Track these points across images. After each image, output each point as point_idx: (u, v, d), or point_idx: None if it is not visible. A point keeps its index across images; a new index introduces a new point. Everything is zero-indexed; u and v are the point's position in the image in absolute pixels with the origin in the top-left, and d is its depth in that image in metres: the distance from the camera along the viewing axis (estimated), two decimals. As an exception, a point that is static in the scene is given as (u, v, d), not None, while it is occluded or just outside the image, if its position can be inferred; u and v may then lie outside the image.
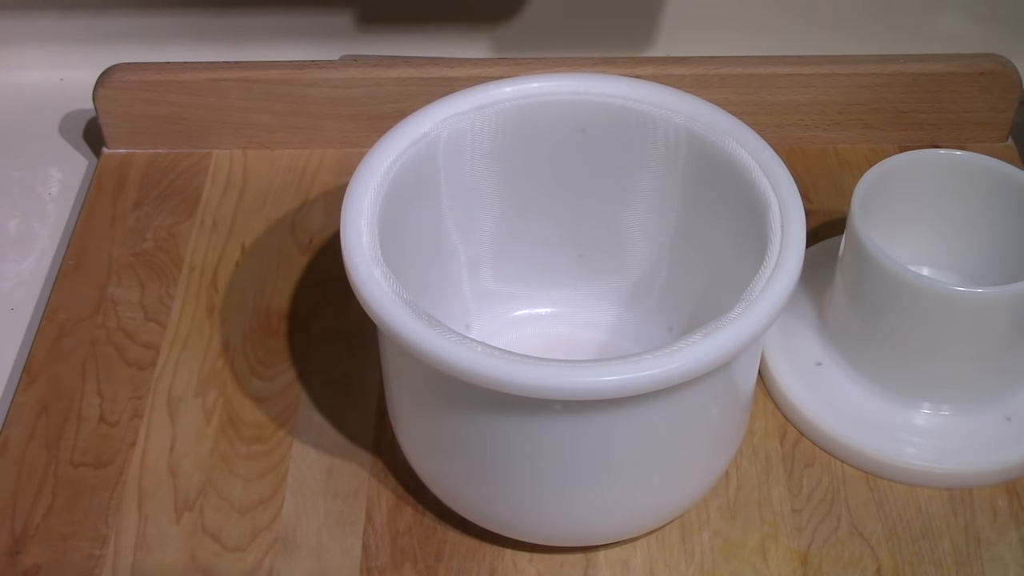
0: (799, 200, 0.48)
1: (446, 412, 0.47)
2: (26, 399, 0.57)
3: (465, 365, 0.42)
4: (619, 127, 0.53)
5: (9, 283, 0.64)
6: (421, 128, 0.51)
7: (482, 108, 0.52)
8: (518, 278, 0.58)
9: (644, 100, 0.52)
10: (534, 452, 0.46)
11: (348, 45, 0.75)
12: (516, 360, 0.42)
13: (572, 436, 0.45)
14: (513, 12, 0.74)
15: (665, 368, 0.42)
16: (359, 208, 0.48)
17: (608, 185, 0.55)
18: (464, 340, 0.43)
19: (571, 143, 0.54)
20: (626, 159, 0.54)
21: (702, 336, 0.43)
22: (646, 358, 0.42)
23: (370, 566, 0.51)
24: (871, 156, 0.68)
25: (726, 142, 0.51)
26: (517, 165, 0.54)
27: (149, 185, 0.67)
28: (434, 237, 0.55)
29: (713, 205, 0.53)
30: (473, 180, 0.54)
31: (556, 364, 0.42)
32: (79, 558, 0.51)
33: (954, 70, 0.67)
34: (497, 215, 0.56)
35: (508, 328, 0.58)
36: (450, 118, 0.52)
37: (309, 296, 0.61)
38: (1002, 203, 0.57)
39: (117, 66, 0.66)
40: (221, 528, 0.52)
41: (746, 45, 0.73)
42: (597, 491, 0.48)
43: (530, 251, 0.58)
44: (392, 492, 0.54)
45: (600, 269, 0.58)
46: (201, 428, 0.56)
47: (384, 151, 0.50)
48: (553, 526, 0.50)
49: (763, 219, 0.48)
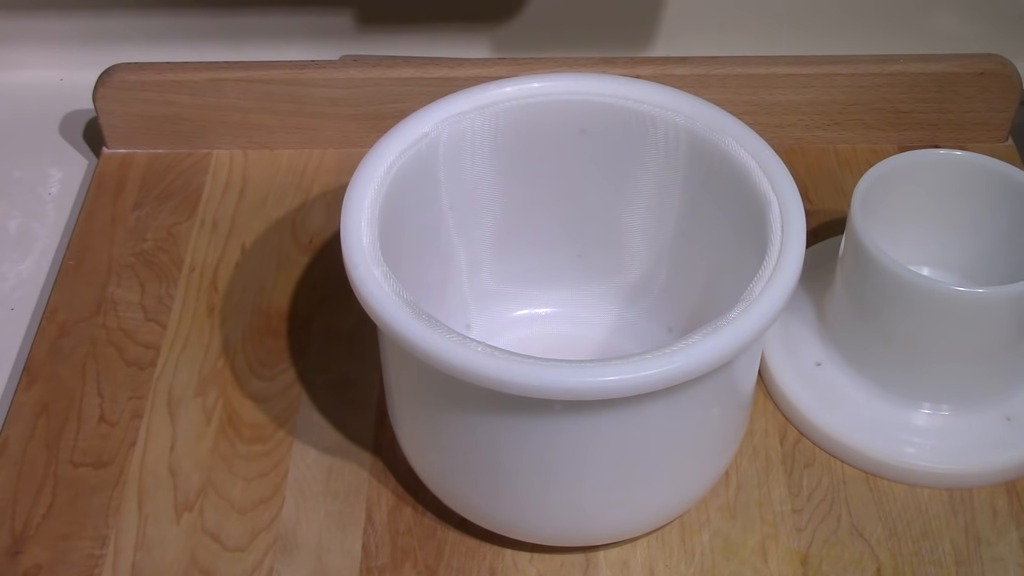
0: (799, 200, 0.48)
1: (446, 412, 0.47)
2: (26, 399, 0.57)
3: (465, 365, 0.42)
4: (619, 127, 0.53)
5: (9, 283, 0.64)
6: (421, 128, 0.51)
7: (482, 108, 0.52)
8: (518, 278, 0.58)
9: (644, 100, 0.52)
10: (534, 451, 0.46)
11: (348, 45, 0.75)
12: (516, 360, 0.42)
13: (572, 436, 0.45)
14: (513, 12, 0.74)
15: (665, 368, 0.42)
16: (359, 208, 0.48)
17: (608, 185, 0.55)
18: (464, 340, 0.43)
19: (571, 143, 0.54)
20: (626, 159, 0.54)
21: (702, 336, 0.43)
22: (646, 358, 0.42)
23: (370, 566, 0.51)
24: (871, 156, 0.68)
25: (726, 142, 0.51)
26: (517, 165, 0.54)
27: (149, 185, 0.67)
28: (434, 237, 0.55)
29: (713, 205, 0.53)
30: (473, 180, 0.54)
31: (556, 364, 0.42)
32: (79, 558, 0.51)
33: (954, 70, 0.67)
34: (497, 215, 0.56)
35: (508, 328, 0.58)
36: (450, 118, 0.52)
37: (309, 296, 0.61)
38: (1002, 203, 0.57)
39: (117, 66, 0.66)
40: (221, 528, 0.52)
41: (746, 45, 0.73)
42: (597, 491, 0.48)
43: (530, 251, 0.58)
44: (392, 492, 0.54)
45: (600, 269, 0.58)
46: (201, 428, 0.56)
47: (384, 151, 0.50)
48: (553, 526, 0.50)
49: (763, 219, 0.48)
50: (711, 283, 0.54)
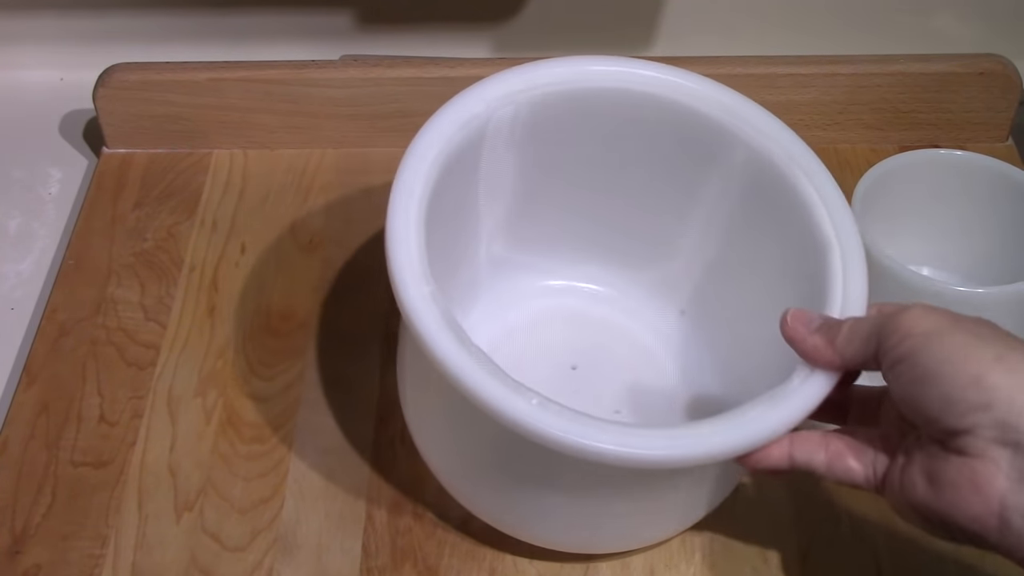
0: (863, 257, 0.47)
1: (484, 439, 0.46)
2: (26, 399, 0.57)
3: (521, 420, 0.41)
4: (686, 128, 0.52)
5: (9, 283, 0.64)
6: (474, 108, 0.49)
7: (543, 88, 0.51)
8: (536, 249, 0.58)
9: (723, 107, 0.51)
10: (567, 481, 0.46)
11: (348, 45, 0.75)
12: (571, 418, 0.41)
13: (605, 474, 0.45)
14: (513, 12, 0.74)
15: (729, 441, 0.42)
16: (406, 224, 0.45)
17: (656, 181, 0.55)
18: (519, 389, 0.42)
19: (623, 132, 0.53)
20: (685, 162, 0.53)
21: (766, 407, 0.43)
22: (714, 429, 0.42)
23: (370, 566, 0.51)
24: (871, 156, 0.68)
25: (794, 173, 0.50)
26: (556, 146, 0.53)
27: (149, 185, 0.67)
28: (463, 207, 0.53)
29: (764, 226, 0.52)
30: (508, 159, 0.53)
31: (614, 429, 0.41)
32: (79, 558, 0.51)
33: (954, 70, 0.67)
34: (519, 194, 0.55)
35: (523, 298, 0.58)
36: (507, 96, 0.50)
37: (309, 296, 0.61)
38: (1002, 203, 0.57)
39: (117, 66, 0.66)
40: (221, 528, 0.52)
41: (746, 45, 0.73)
42: (617, 516, 0.48)
43: (550, 223, 0.57)
44: (392, 492, 0.54)
45: (627, 259, 0.58)
46: (201, 428, 0.56)
47: (433, 136, 0.48)
48: (568, 540, 0.50)
49: (820, 261, 0.47)
50: (738, 285, 0.54)
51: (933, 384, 0.39)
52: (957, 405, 0.39)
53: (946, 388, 0.39)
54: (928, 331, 0.40)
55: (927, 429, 0.41)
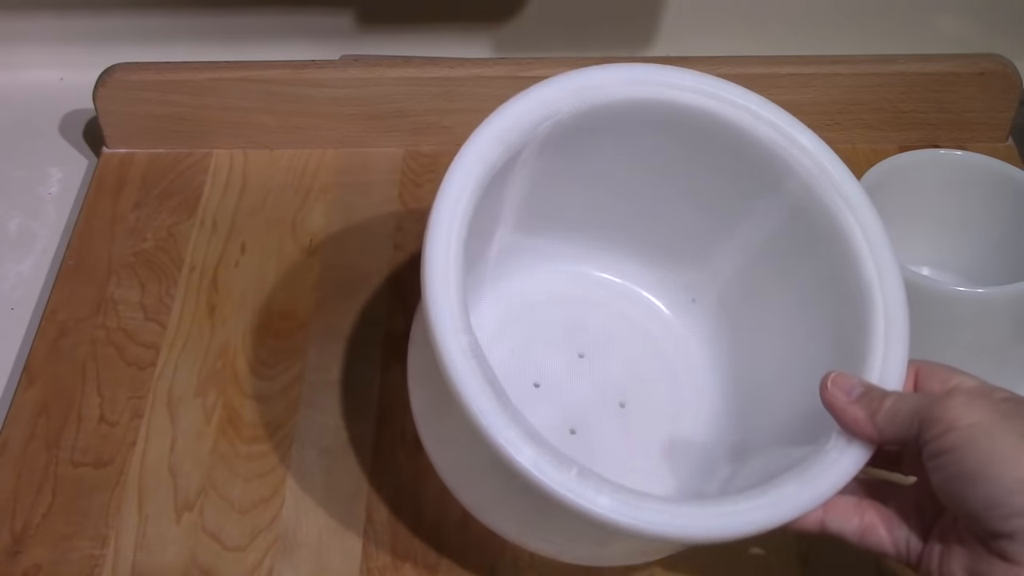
0: (906, 319, 0.47)
1: (514, 488, 0.45)
2: (26, 399, 0.57)
3: (559, 494, 0.41)
4: (733, 145, 0.51)
5: (9, 283, 0.64)
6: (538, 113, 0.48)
7: (589, 99, 0.49)
8: (551, 234, 0.57)
9: (778, 128, 0.51)
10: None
11: (348, 45, 0.75)
12: (611, 494, 0.41)
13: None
14: (513, 12, 0.74)
15: (768, 517, 0.42)
16: (445, 268, 0.43)
17: (700, 189, 0.54)
18: (558, 460, 0.41)
19: (663, 140, 0.52)
20: (728, 180, 0.52)
21: (803, 482, 0.43)
22: (744, 505, 0.42)
23: (370, 566, 0.51)
24: (871, 156, 0.68)
25: (845, 216, 0.49)
26: (597, 147, 0.52)
27: (149, 185, 0.67)
28: (491, 212, 0.52)
29: (802, 256, 0.51)
30: (548, 160, 0.51)
31: (655, 507, 0.41)
32: (79, 558, 0.51)
33: (954, 70, 0.67)
34: (547, 175, 0.53)
35: (535, 283, 0.58)
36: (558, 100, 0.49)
37: (309, 296, 0.61)
38: (1002, 203, 0.57)
39: (117, 66, 0.66)
40: (221, 528, 0.52)
41: (746, 45, 0.73)
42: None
43: (568, 212, 0.56)
44: (392, 492, 0.54)
45: (647, 255, 0.58)
46: (201, 428, 0.56)
47: (456, 198, 0.45)
48: (574, 556, 0.50)
49: (859, 316, 0.47)
50: (761, 302, 0.54)
51: (978, 484, 0.39)
52: (1001, 508, 0.38)
53: (992, 490, 0.38)
54: (973, 425, 0.39)
55: (966, 523, 0.40)
